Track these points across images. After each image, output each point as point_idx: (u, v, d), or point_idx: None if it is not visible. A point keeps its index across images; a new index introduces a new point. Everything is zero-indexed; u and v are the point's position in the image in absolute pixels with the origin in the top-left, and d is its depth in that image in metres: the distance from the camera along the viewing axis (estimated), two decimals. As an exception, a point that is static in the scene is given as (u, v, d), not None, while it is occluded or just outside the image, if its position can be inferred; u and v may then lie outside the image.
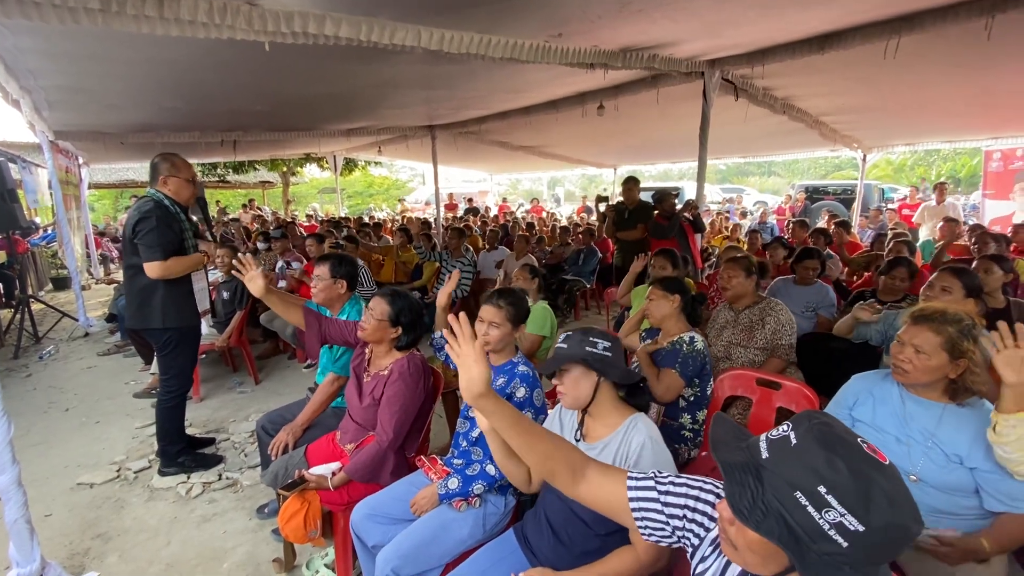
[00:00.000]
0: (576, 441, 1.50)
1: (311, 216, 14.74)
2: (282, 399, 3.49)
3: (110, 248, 10.96)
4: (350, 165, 14.85)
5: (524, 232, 7.41)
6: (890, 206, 10.80)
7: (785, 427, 0.81)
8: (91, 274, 9.33)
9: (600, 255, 6.63)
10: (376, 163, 16.53)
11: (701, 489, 1.01)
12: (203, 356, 4.05)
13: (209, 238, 3.00)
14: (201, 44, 2.93)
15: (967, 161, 21.53)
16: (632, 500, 1.02)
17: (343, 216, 11.68)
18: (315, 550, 2.16)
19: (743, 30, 3.59)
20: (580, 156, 11.39)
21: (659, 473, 1.06)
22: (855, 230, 7.95)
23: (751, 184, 26.65)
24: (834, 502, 0.70)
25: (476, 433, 1.86)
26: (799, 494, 0.73)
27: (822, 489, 0.71)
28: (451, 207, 15.45)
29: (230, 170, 14.73)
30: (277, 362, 4.74)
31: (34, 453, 3.14)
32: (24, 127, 5.73)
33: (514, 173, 17.30)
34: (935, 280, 2.35)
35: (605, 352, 1.41)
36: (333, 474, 1.91)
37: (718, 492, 1.00)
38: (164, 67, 3.94)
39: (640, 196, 5.21)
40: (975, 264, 2.90)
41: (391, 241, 7.16)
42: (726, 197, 16.20)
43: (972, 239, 4.89)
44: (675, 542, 1.02)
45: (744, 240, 7.53)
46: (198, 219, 3.06)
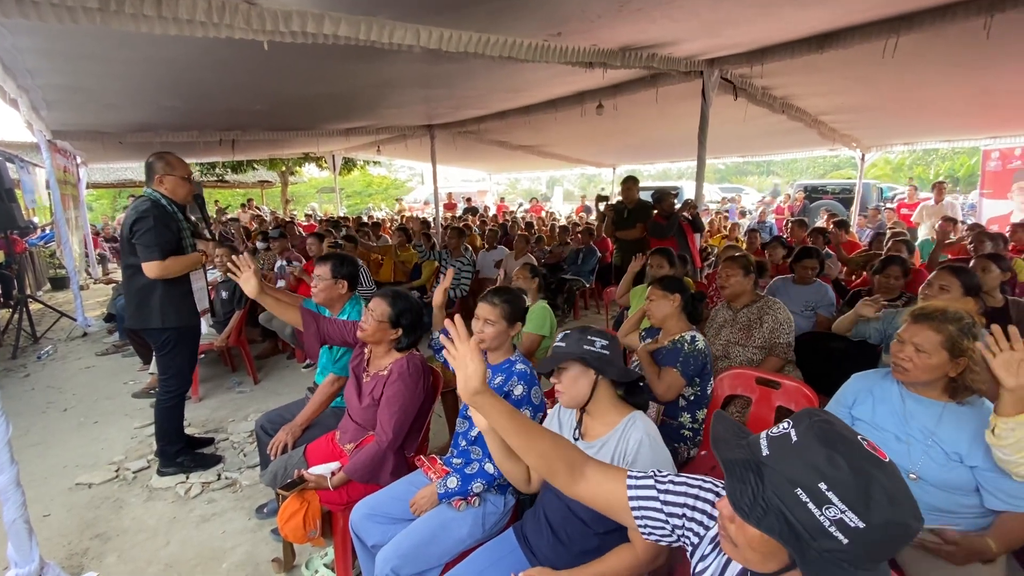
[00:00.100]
0: (575, 440, 1.50)
1: (310, 216, 14.73)
2: (281, 399, 3.49)
3: (106, 248, 10.94)
4: (349, 165, 14.83)
5: (523, 232, 7.41)
6: (889, 205, 10.81)
7: (785, 425, 0.81)
8: (89, 274, 9.31)
9: (599, 254, 6.64)
10: (375, 163, 16.52)
11: (701, 488, 1.01)
12: (202, 356, 4.04)
13: (208, 236, 2.99)
14: (199, 43, 2.93)
15: (965, 160, 21.57)
16: (632, 499, 1.02)
17: (342, 216, 11.67)
18: (314, 550, 2.16)
19: (742, 29, 3.59)
20: (579, 155, 11.39)
21: (659, 472, 1.06)
22: (854, 229, 7.97)
23: (750, 183, 26.69)
24: (835, 499, 0.70)
25: (475, 432, 1.86)
26: (800, 491, 0.73)
27: (823, 486, 0.71)
28: (450, 207, 15.45)
29: (228, 169, 14.70)
30: (276, 362, 4.73)
31: (32, 453, 3.13)
32: (22, 126, 5.71)
33: (513, 172, 17.30)
34: (934, 279, 2.35)
35: (603, 350, 1.41)
36: (332, 474, 1.91)
37: (717, 491, 1.00)
38: (162, 66, 3.94)
39: (639, 195, 5.21)
40: (972, 263, 2.91)
41: (390, 241, 7.16)
42: (725, 197, 16.21)
43: (969, 238, 4.90)
44: (675, 541, 1.02)
45: (743, 239, 7.54)
46: (196, 218, 3.06)
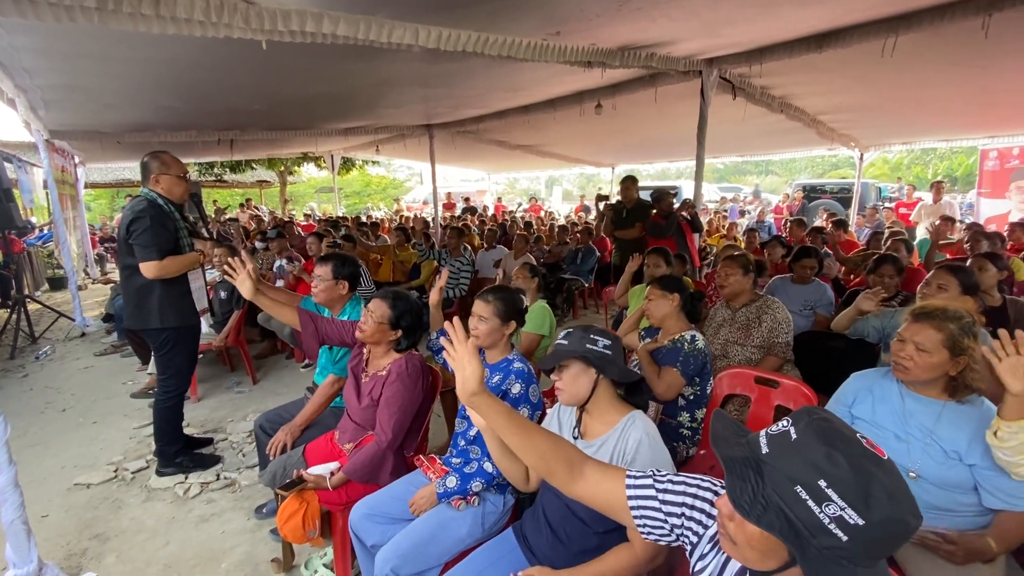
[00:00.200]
0: (574, 439, 1.50)
1: (309, 215, 14.72)
2: (280, 399, 3.48)
3: (103, 248, 10.92)
4: (347, 164, 14.81)
5: (522, 231, 7.41)
6: (887, 204, 10.84)
7: (785, 423, 0.81)
8: (88, 274, 9.29)
9: (598, 254, 6.64)
10: (374, 162, 16.50)
11: (699, 487, 1.01)
12: (201, 356, 4.04)
13: (206, 236, 2.98)
14: (198, 43, 2.92)
15: (963, 160, 21.61)
16: (631, 499, 1.02)
17: (341, 215, 11.67)
18: (314, 550, 2.16)
19: (741, 29, 3.59)
20: (578, 155, 11.39)
21: (657, 472, 1.06)
22: (852, 229, 7.98)
23: (748, 183, 26.71)
24: (834, 496, 0.71)
25: (474, 432, 1.86)
26: (799, 488, 0.73)
27: (822, 483, 0.72)
28: (449, 206, 15.45)
29: (227, 169, 14.68)
30: (275, 362, 4.73)
31: (31, 454, 3.12)
32: (20, 126, 5.70)
33: (512, 172, 17.29)
34: (932, 278, 2.36)
35: (605, 350, 1.41)
36: (332, 474, 1.90)
37: (716, 490, 1.00)
38: (161, 66, 3.93)
39: (638, 195, 5.21)
40: (969, 262, 2.91)
41: (388, 240, 7.16)
42: (725, 196, 16.22)
43: (966, 238, 4.91)
44: (674, 540, 1.02)
45: (742, 239, 7.55)
46: (194, 218, 3.05)
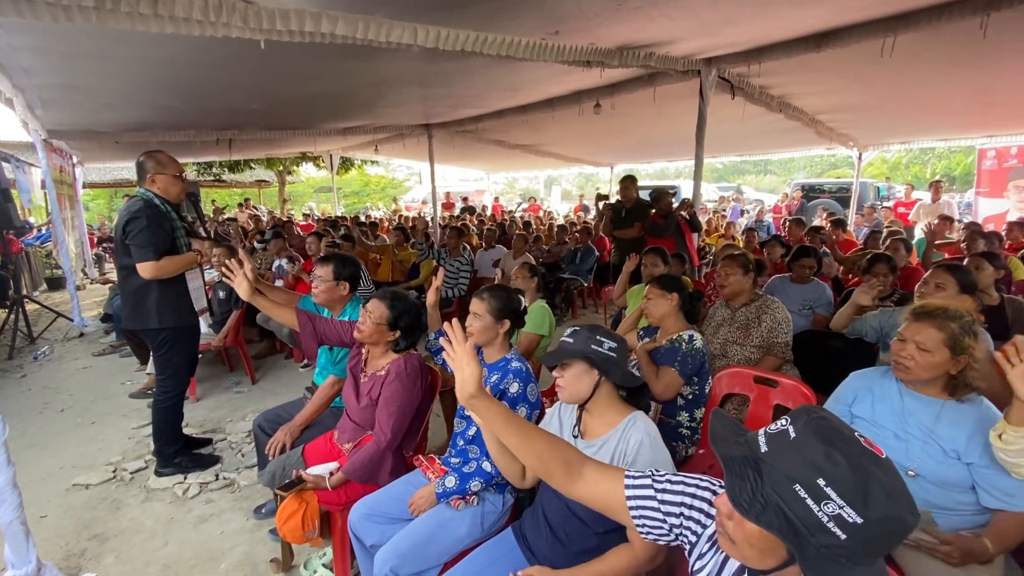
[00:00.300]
0: (574, 438, 1.50)
1: (307, 215, 14.71)
2: (279, 399, 3.48)
3: (101, 248, 10.90)
4: (346, 164, 14.79)
5: (521, 231, 7.41)
6: (886, 204, 10.85)
7: (783, 421, 0.81)
8: (86, 274, 9.28)
9: (597, 254, 6.64)
10: (372, 162, 16.49)
11: (697, 487, 1.01)
12: (200, 356, 4.03)
13: (203, 235, 2.97)
14: (196, 42, 2.92)
15: (962, 159, 21.63)
16: (630, 499, 1.03)
17: (339, 215, 11.66)
18: (313, 550, 2.16)
19: (740, 28, 3.59)
20: (577, 155, 11.38)
21: (656, 471, 1.06)
22: (851, 228, 7.99)
23: (747, 182, 26.75)
24: (833, 494, 0.71)
25: (473, 432, 1.86)
26: (798, 487, 0.73)
27: (821, 482, 0.72)
28: (448, 206, 15.45)
29: (226, 169, 14.65)
30: (274, 362, 4.72)
31: (29, 454, 3.12)
32: (17, 126, 5.68)
33: (511, 172, 17.30)
34: (930, 277, 2.37)
35: (610, 352, 1.41)
36: (331, 474, 1.90)
37: (714, 489, 1.01)
38: (159, 65, 3.92)
39: (637, 194, 5.21)
40: (966, 261, 2.92)
41: (387, 240, 7.15)
42: (724, 196, 16.23)
43: (963, 237, 4.91)
44: (673, 540, 1.03)
45: (740, 238, 7.56)
46: (192, 218, 3.04)
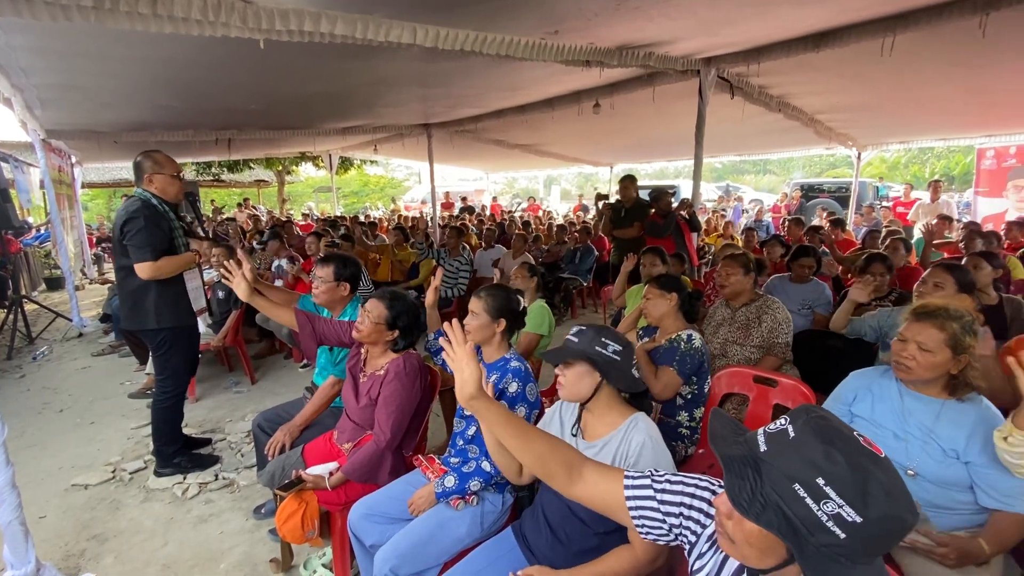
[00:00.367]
0: (573, 436, 1.50)
1: (307, 215, 14.71)
2: (278, 399, 3.48)
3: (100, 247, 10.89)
4: (346, 164, 14.79)
5: (521, 231, 7.41)
6: (884, 203, 10.87)
7: (783, 421, 0.81)
8: (85, 274, 9.27)
9: (596, 253, 6.64)
10: (372, 162, 16.49)
11: (697, 486, 1.01)
12: (199, 356, 4.03)
13: (201, 235, 2.96)
14: (195, 42, 2.91)
15: (960, 159, 21.66)
16: (629, 499, 1.03)
17: (339, 215, 11.65)
18: (313, 550, 2.16)
19: (739, 28, 3.59)
20: (576, 154, 11.38)
21: (655, 471, 1.06)
22: (850, 227, 8.00)
23: (746, 182, 26.76)
24: (832, 494, 0.71)
25: (472, 431, 1.86)
26: (798, 486, 0.73)
27: (820, 481, 0.72)
28: (447, 206, 15.45)
29: (225, 169, 14.65)
30: (273, 362, 4.72)
31: (28, 455, 3.11)
32: (16, 126, 5.67)
33: (511, 171, 17.30)
34: (928, 276, 2.37)
35: (614, 356, 1.39)
36: (331, 474, 1.90)
37: (714, 489, 1.01)
38: (158, 65, 3.91)
39: (637, 194, 5.21)
40: (964, 260, 2.93)
41: (386, 240, 7.15)
42: (721, 195, 16.22)
43: (961, 236, 4.92)
44: (672, 540, 1.03)
45: (739, 238, 7.56)
46: (191, 218, 3.03)
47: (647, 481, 1.04)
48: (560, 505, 1.43)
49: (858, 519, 0.70)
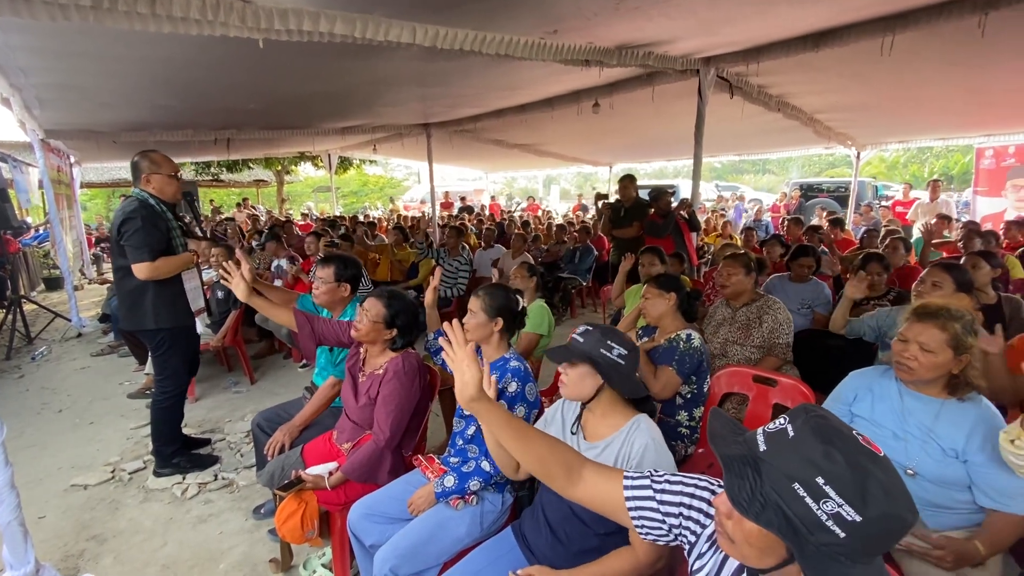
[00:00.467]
0: (572, 434, 1.49)
1: (306, 215, 14.70)
2: (278, 399, 3.47)
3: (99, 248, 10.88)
4: (345, 164, 14.79)
5: (520, 230, 7.41)
6: (883, 203, 10.87)
7: (782, 420, 0.81)
8: (84, 274, 9.26)
9: (596, 253, 6.64)
10: (371, 161, 16.48)
11: (696, 486, 1.01)
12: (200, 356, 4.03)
13: (199, 235, 2.95)
14: (194, 41, 2.91)
15: (959, 158, 21.68)
16: (628, 500, 1.02)
17: (338, 215, 11.65)
18: (312, 550, 2.16)
19: (738, 27, 3.59)
20: (575, 154, 11.38)
21: (654, 472, 1.06)
22: (849, 227, 8.00)
23: (745, 182, 26.78)
24: (832, 493, 0.71)
25: (472, 431, 1.86)
26: (797, 485, 0.73)
27: (820, 480, 0.72)
28: (447, 205, 15.45)
29: (224, 169, 14.64)
30: (273, 362, 4.72)
31: (27, 455, 3.11)
32: (14, 126, 5.66)
33: (510, 171, 17.30)
34: (926, 276, 2.38)
35: (619, 359, 1.38)
36: (330, 474, 1.90)
37: (713, 489, 1.01)
38: (157, 65, 3.91)
39: (637, 194, 5.21)
40: (963, 260, 2.93)
41: (386, 240, 7.15)
42: (722, 195, 16.23)
43: (960, 236, 4.93)
44: (672, 540, 1.03)
45: (738, 237, 7.57)
46: (189, 218, 3.03)
47: (646, 482, 1.03)
48: (560, 505, 1.43)
49: (858, 518, 0.70)
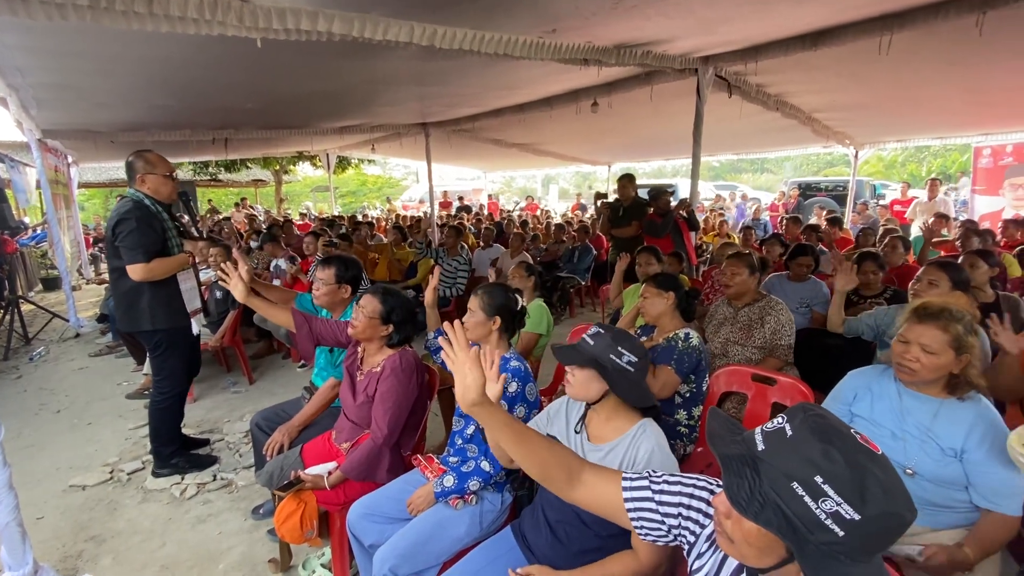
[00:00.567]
0: (575, 433, 1.49)
1: (304, 215, 14.69)
2: (277, 399, 3.47)
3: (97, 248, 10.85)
4: (343, 163, 14.76)
5: (519, 230, 7.40)
6: (882, 202, 10.89)
7: (780, 419, 0.81)
8: (81, 274, 9.24)
9: (595, 252, 6.64)
10: (370, 161, 16.46)
11: (695, 486, 1.01)
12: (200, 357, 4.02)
13: (196, 236, 2.94)
14: (192, 41, 2.90)
15: (957, 157, 21.72)
16: (627, 500, 1.03)
17: (337, 215, 11.63)
18: (311, 550, 2.16)
19: (737, 27, 3.59)
20: (574, 153, 11.38)
21: (653, 473, 1.06)
22: (847, 226, 8.01)
23: (744, 181, 26.81)
24: (831, 491, 0.71)
25: (471, 431, 1.86)
26: (796, 484, 0.73)
27: (819, 479, 0.72)
28: (445, 205, 15.44)
29: (222, 168, 14.62)
30: (271, 362, 4.71)
31: (25, 455, 3.10)
32: (12, 126, 5.65)
33: (509, 171, 17.30)
34: (922, 274, 2.38)
35: (628, 366, 1.36)
36: (329, 473, 1.90)
37: (712, 489, 1.01)
38: (155, 64, 3.90)
39: (635, 193, 5.21)
40: (961, 259, 2.94)
41: (384, 239, 7.15)
42: (720, 195, 16.23)
43: (958, 235, 4.94)
44: (672, 541, 1.03)
45: (737, 236, 7.57)
46: (186, 219, 3.01)
47: (645, 483, 1.03)
48: (560, 505, 1.42)
49: (856, 517, 0.70)
